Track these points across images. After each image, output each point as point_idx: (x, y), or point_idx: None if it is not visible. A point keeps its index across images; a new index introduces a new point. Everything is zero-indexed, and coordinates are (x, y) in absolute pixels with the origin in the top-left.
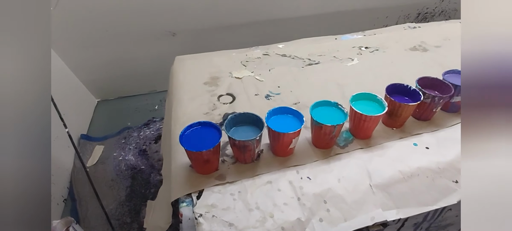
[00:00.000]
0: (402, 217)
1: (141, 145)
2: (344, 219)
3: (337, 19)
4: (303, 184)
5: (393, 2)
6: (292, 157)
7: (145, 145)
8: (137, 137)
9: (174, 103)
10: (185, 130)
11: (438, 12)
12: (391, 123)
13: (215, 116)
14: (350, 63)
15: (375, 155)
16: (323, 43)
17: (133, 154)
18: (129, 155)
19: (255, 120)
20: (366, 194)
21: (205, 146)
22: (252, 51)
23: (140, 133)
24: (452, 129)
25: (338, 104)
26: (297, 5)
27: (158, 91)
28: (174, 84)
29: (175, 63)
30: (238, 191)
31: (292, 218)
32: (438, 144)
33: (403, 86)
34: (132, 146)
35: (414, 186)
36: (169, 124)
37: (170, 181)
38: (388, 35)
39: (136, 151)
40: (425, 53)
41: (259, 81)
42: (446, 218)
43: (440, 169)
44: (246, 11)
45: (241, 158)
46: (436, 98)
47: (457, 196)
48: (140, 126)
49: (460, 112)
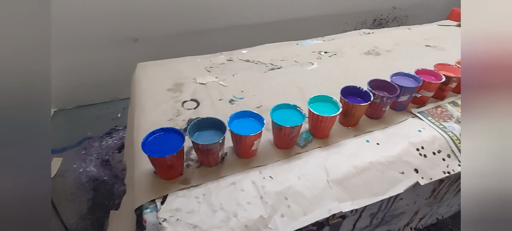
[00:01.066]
0: (355, 208)
1: (104, 155)
2: (304, 213)
3: (300, 25)
4: (265, 183)
5: (351, 9)
6: (255, 158)
7: (107, 155)
8: (99, 146)
9: (136, 111)
10: (148, 137)
11: (391, 18)
12: (346, 122)
13: (179, 122)
14: (310, 67)
15: (332, 152)
16: (285, 48)
17: (94, 164)
18: (90, 166)
19: (218, 124)
20: (323, 189)
21: (168, 151)
22: (216, 57)
23: (102, 143)
24: (399, 125)
25: (297, 107)
26: (261, 12)
27: (120, 99)
28: (137, 91)
29: (137, 70)
30: (202, 194)
31: (255, 216)
32: (387, 139)
33: (356, 88)
34: (94, 156)
35: (366, 178)
36: (132, 132)
37: (133, 189)
38: (345, 41)
39: (98, 161)
40: (377, 57)
41: (223, 86)
42: (398, 207)
43: (388, 162)
44: (210, 17)
45: (205, 162)
46: (384, 98)
47: (404, 185)
48: (102, 135)
49: (406, 110)
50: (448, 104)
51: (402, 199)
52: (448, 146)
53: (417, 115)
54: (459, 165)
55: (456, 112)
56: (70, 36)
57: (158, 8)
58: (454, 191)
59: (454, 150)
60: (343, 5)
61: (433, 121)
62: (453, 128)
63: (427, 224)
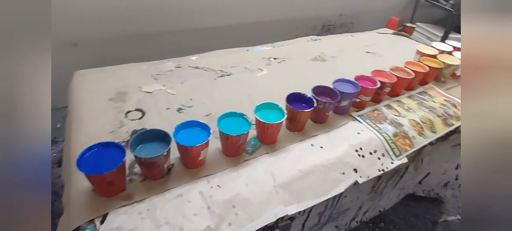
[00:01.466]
0: (300, 209)
1: None
2: (251, 220)
3: (251, 30)
4: (213, 193)
5: (301, 16)
6: (203, 167)
7: None
8: None
9: (74, 124)
10: (84, 153)
11: (338, 24)
12: (292, 127)
13: (122, 134)
14: (259, 73)
15: (279, 157)
16: (236, 54)
17: None
18: None
19: (163, 135)
20: (270, 194)
21: (107, 167)
22: (164, 64)
23: None
24: (341, 129)
25: (243, 115)
26: (212, 16)
27: (59, 108)
28: (74, 102)
29: (75, 79)
30: (146, 209)
31: (202, 227)
32: (330, 142)
33: (301, 95)
34: None
35: (310, 181)
36: (69, 146)
37: (69, 209)
38: (293, 47)
39: None
40: (323, 63)
41: (171, 94)
42: (344, 204)
43: (330, 164)
44: (158, 20)
45: (149, 175)
46: (327, 104)
47: (344, 185)
48: None
49: (348, 113)
50: (383, 107)
51: (346, 196)
52: (383, 146)
53: (356, 118)
54: (392, 163)
55: (389, 115)
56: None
57: (100, 9)
58: (392, 185)
59: (387, 149)
60: (293, 11)
61: (371, 123)
62: (387, 129)
63: (371, 217)
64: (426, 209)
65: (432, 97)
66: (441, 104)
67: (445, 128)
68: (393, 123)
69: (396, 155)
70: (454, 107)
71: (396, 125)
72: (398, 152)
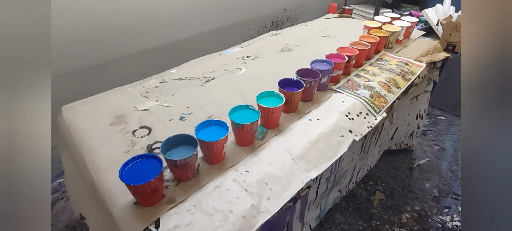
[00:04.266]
0: (319, 173)
1: None
2: (285, 190)
3: (208, 38)
4: (244, 177)
5: (251, 16)
6: (226, 161)
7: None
8: None
9: (84, 154)
10: (121, 169)
11: (285, 19)
12: (288, 109)
13: (138, 151)
14: (240, 72)
15: (287, 136)
16: (211, 60)
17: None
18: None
19: (185, 139)
20: (292, 167)
21: (147, 177)
22: (148, 82)
23: None
24: (327, 102)
25: (249, 106)
26: (165, 33)
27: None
28: (74, 135)
29: (64, 113)
30: (193, 206)
31: (247, 206)
32: (323, 114)
33: (288, 80)
34: None
35: (320, 148)
36: (85, 176)
37: (118, 227)
38: (260, 44)
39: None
40: (290, 52)
41: (167, 107)
42: (343, 167)
43: (330, 131)
44: (120, 44)
45: (183, 177)
46: (312, 82)
47: (346, 145)
48: None
49: (328, 88)
50: (354, 77)
51: (344, 159)
52: (365, 107)
53: (337, 90)
54: (375, 119)
55: (361, 82)
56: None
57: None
58: (374, 143)
59: (369, 109)
60: (242, 14)
61: (349, 91)
62: (363, 93)
63: (362, 177)
64: (401, 159)
65: (387, 61)
66: (396, 65)
67: (406, 83)
68: (366, 87)
69: (377, 111)
70: (406, 65)
71: (369, 88)
72: (378, 109)
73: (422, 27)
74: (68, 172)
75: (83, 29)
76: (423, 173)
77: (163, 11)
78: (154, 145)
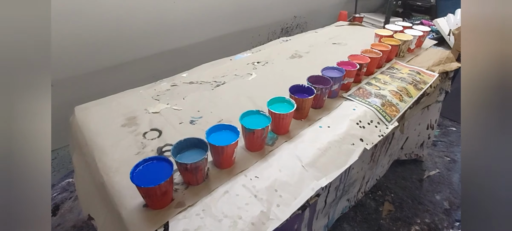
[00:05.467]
0: (330, 181)
1: None
2: (294, 198)
3: (219, 44)
4: (254, 183)
5: (262, 23)
6: (235, 166)
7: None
8: None
9: (95, 154)
10: (132, 171)
11: (295, 26)
12: (299, 115)
13: (148, 153)
14: (250, 77)
15: (297, 142)
16: (221, 65)
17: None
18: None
19: (195, 142)
20: (302, 174)
21: (158, 179)
22: (160, 85)
23: None
24: (338, 109)
25: (260, 111)
26: (179, 36)
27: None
28: (86, 135)
29: (77, 114)
30: (202, 210)
31: (257, 213)
32: (334, 122)
33: (299, 86)
34: None
35: (330, 155)
36: (96, 177)
37: (126, 229)
38: (270, 50)
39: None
40: (301, 58)
41: (178, 110)
42: (352, 176)
43: (341, 138)
44: (134, 47)
45: (193, 181)
46: (323, 89)
47: (357, 153)
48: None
49: (338, 96)
50: (365, 85)
51: (353, 168)
52: (376, 115)
53: (348, 98)
54: (387, 128)
55: (372, 90)
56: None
57: (72, 46)
58: (384, 152)
59: (380, 117)
60: (252, 21)
61: (360, 99)
62: (375, 102)
63: (371, 187)
64: (411, 170)
65: (399, 70)
66: (408, 74)
67: (418, 92)
68: (377, 96)
69: (388, 120)
70: (418, 74)
71: (380, 96)
72: (389, 118)
73: (434, 37)
74: (79, 172)
75: (98, 32)
76: (434, 184)
77: (176, 16)
78: (164, 147)
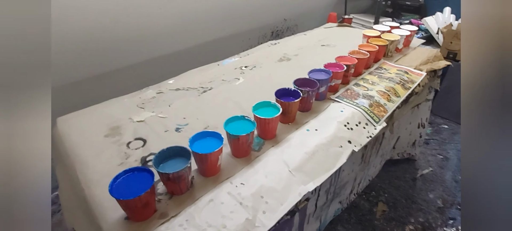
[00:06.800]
0: (317, 185)
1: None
2: (281, 204)
3: (209, 48)
4: (239, 190)
5: (252, 26)
6: (221, 173)
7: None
8: None
9: (77, 167)
10: (111, 184)
11: (285, 29)
12: (285, 119)
13: (132, 163)
14: (237, 82)
15: (284, 147)
16: (209, 70)
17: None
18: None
19: (178, 151)
20: (289, 179)
21: (139, 190)
22: (145, 92)
23: None
24: (326, 111)
25: (245, 116)
26: (167, 43)
27: None
28: (67, 147)
29: (59, 125)
30: (185, 220)
31: (241, 220)
32: (321, 125)
33: (286, 89)
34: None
35: (317, 159)
36: (77, 190)
37: None
38: (258, 54)
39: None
40: (289, 61)
41: (163, 118)
42: (343, 178)
43: (328, 141)
44: (120, 55)
45: (177, 190)
46: (310, 92)
47: (345, 156)
48: None
49: (326, 98)
50: (353, 86)
51: (344, 170)
52: (364, 117)
53: (335, 100)
54: (375, 129)
55: (360, 91)
56: None
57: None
58: (375, 153)
59: (368, 118)
60: (242, 24)
61: (348, 101)
62: (362, 103)
63: (363, 187)
64: (404, 169)
65: (387, 70)
66: (396, 73)
67: (405, 91)
68: (365, 97)
69: (376, 121)
70: (406, 74)
71: (368, 97)
72: (377, 119)
73: (423, 36)
74: (62, 185)
75: (82, 40)
76: (427, 183)
77: (163, 21)
78: (148, 157)
